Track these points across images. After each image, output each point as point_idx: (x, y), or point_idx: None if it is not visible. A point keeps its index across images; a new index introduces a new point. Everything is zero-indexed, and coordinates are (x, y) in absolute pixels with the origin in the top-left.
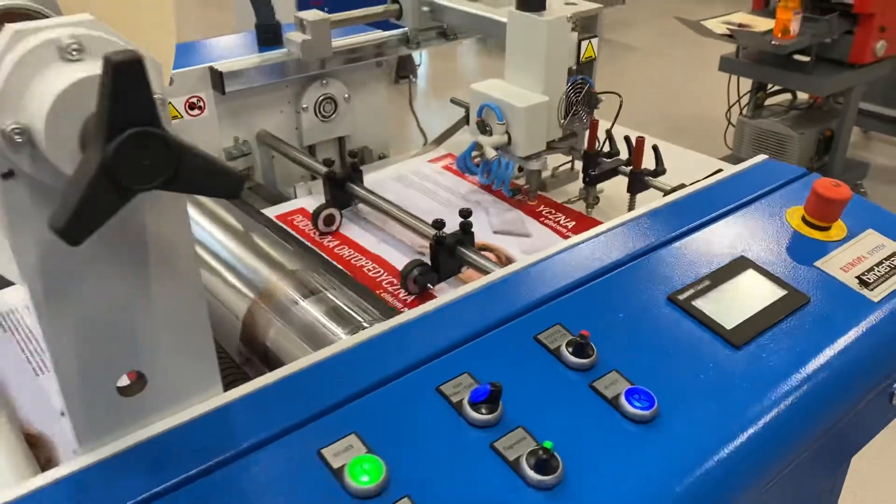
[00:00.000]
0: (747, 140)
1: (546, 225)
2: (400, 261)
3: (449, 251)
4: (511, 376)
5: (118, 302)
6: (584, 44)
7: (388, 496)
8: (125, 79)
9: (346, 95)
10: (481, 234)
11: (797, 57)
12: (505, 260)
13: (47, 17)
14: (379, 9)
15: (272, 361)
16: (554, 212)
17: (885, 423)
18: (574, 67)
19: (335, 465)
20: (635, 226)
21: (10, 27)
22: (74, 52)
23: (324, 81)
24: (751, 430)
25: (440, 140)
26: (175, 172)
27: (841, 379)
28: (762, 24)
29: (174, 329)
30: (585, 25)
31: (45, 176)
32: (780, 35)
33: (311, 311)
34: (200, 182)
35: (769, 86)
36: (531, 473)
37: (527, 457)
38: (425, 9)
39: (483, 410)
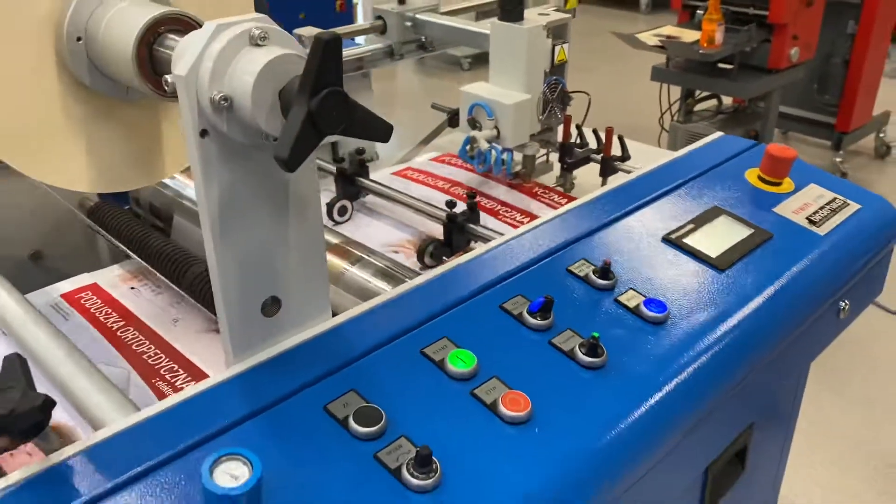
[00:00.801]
0: (680, 143)
1: (543, 202)
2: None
3: (459, 228)
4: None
5: (266, 239)
6: (557, 48)
7: (478, 378)
8: (328, 53)
9: None
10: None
11: (721, 65)
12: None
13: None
14: (365, 24)
15: None
16: (548, 192)
17: (836, 334)
18: (548, 70)
19: (436, 358)
20: (622, 190)
21: (212, 23)
22: (262, 40)
23: None
24: (736, 331)
25: (426, 141)
26: (350, 122)
27: (800, 294)
28: (689, 35)
29: (303, 264)
30: (557, 32)
31: (236, 134)
32: (706, 45)
33: (359, 274)
34: (365, 129)
35: (697, 92)
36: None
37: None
38: (408, 24)
39: (538, 317)
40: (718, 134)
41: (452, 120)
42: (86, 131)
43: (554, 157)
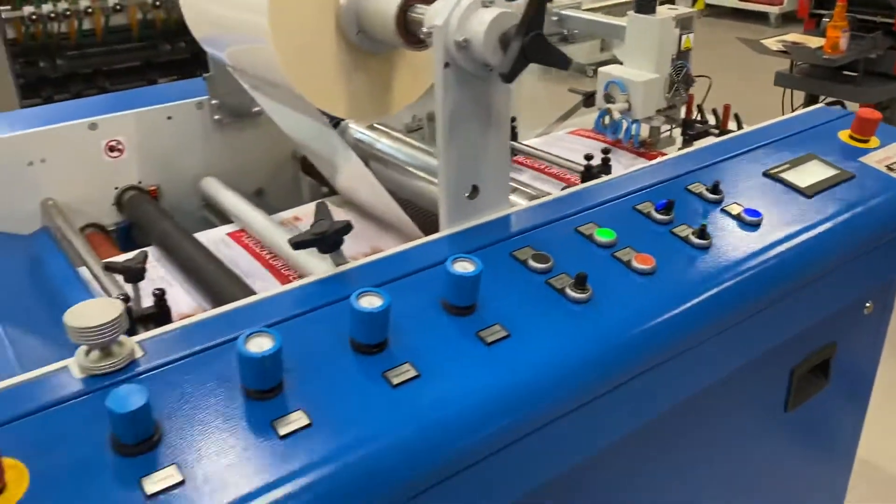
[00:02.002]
0: None
1: None
2: None
3: (594, 177)
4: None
5: (475, 142)
6: (684, 37)
7: (616, 247)
8: (537, 7)
9: None
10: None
11: (846, 72)
12: None
13: None
14: None
15: None
16: None
17: None
18: (675, 55)
19: (586, 233)
20: (734, 140)
21: None
22: (489, 3)
23: None
24: (817, 239)
25: (563, 119)
26: (546, 54)
27: (874, 222)
28: (814, 42)
29: (495, 163)
30: (684, 24)
31: (467, 65)
32: (830, 51)
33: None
34: (554, 59)
35: (820, 97)
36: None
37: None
38: (554, 18)
39: (662, 213)
40: (819, 105)
41: (587, 101)
42: (347, 76)
43: (676, 132)
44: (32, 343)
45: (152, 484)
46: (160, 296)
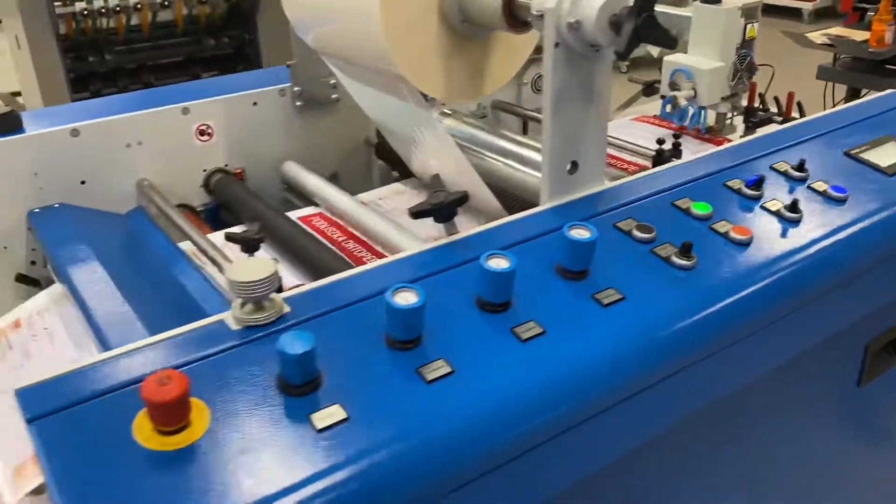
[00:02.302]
0: None
1: None
2: None
3: (665, 161)
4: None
5: (577, 119)
6: (748, 26)
7: (713, 220)
8: None
9: None
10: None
11: (889, 66)
12: None
13: None
14: None
15: None
16: None
17: None
18: (739, 45)
19: (682, 206)
20: (812, 122)
21: None
22: None
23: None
24: None
25: (623, 107)
26: (656, 34)
27: None
28: (858, 35)
29: (594, 139)
30: (749, 13)
31: (577, 46)
32: (875, 44)
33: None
34: (662, 40)
35: (862, 91)
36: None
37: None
38: None
39: (752, 189)
40: (890, 91)
41: (647, 90)
42: (446, 58)
43: (737, 119)
44: (151, 312)
45: (320, 420)
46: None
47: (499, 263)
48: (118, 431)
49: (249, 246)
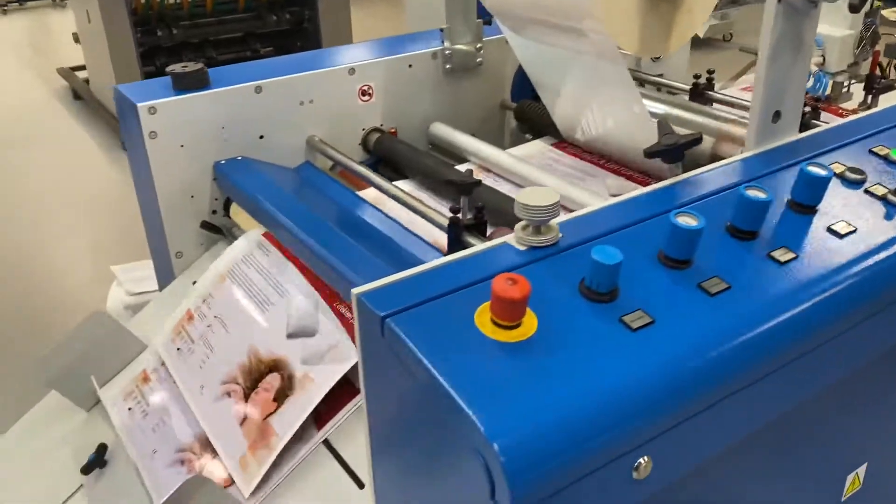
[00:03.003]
0: None
1: None
2: None
3: (806, 127)
4: None
5: (784, 71)
6: None
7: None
8: None
9: None
10: None
11: None
12: None
13: None
14: None
15: None
16: (850, 114)
17: None
18: (866, 12)
19: (881, 153)
20: None
21: None
22: None
23: None
24: None
25: (734, 78)
26: None
27: None
28: None
29: (795, 90)
30: None
31: (797, 1)
32: None
33: None
34: None
35: None
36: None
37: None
38: None
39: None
40: None
41: None
42: (642, 15)
43: (856, 87)
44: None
45: (634, 321)
46: (479, 209)
47: (687, 221)
48: (462, 325)
49: (465, 189)
